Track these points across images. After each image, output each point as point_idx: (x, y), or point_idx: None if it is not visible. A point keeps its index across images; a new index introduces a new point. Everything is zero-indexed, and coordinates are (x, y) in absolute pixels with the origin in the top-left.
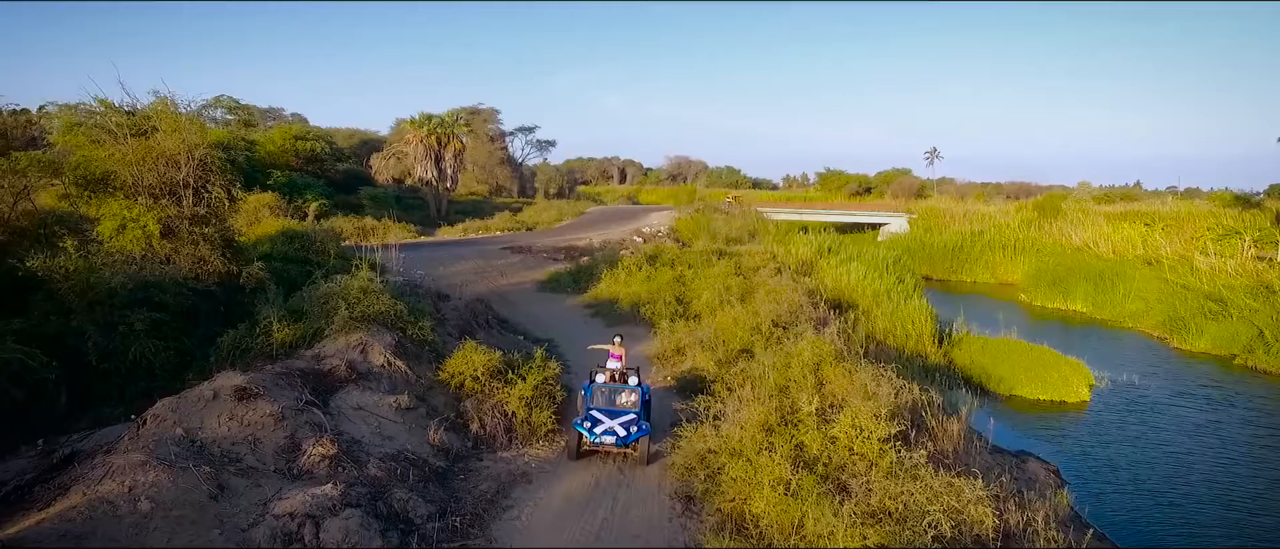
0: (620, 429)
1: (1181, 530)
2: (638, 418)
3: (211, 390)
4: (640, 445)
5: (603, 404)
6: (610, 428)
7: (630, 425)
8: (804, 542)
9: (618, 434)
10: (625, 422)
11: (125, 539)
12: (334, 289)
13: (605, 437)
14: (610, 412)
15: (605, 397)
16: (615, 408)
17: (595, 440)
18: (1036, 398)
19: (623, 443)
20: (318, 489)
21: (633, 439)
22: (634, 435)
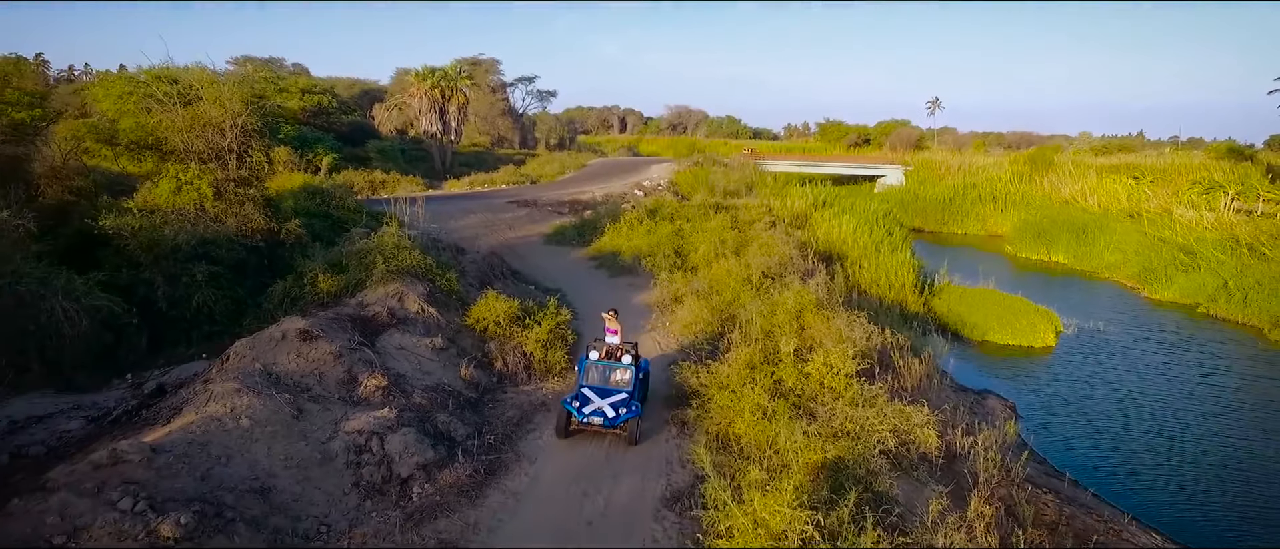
0: (609, 410)
1: (1112, 455)
2: (629, 398)
3: (280, 332)
4: (629, 426)
5: (596, 382)
6: (598, 408)
7: (619, 406)
8: (776, 455)
9: (605, 415)
10: (615, 402)
11: (236, 447)
12: (371, 245)
13: (593, 417)
14: (602, 390)
15: (598, 374)
16: (608, 386)
17: (582, 420)
18: (1006, 343)
19: (610, 423)
20: (376, 413)
21: (621, 421)
22: (622, 417)
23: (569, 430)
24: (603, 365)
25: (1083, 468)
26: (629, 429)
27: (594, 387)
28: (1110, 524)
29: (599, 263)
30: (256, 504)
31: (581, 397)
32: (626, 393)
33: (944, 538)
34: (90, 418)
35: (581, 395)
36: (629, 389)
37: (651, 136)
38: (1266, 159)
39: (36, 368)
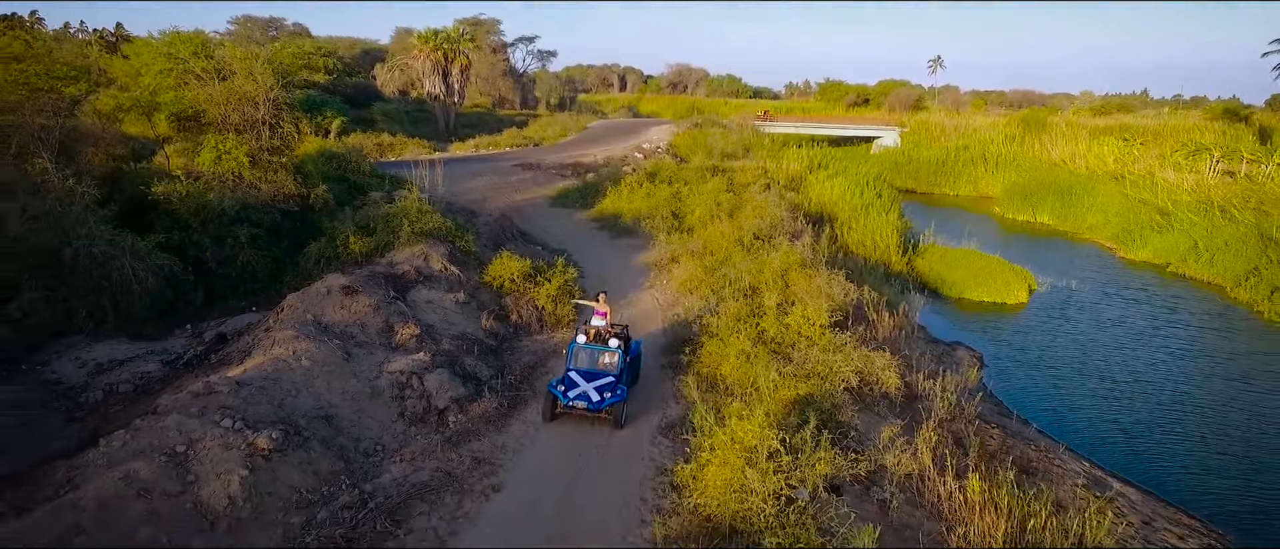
0: (594, 394)
1: (1061, 396)
2: (614, 382)
3: (325, 288)
4: (614, 410)
5: (584, 365)
6: (583, 392)
7: (605, 390)
8: (756, 393)
9: (590, 399)
10: (600, 386)
11: (301, 383)
12: (396, 210)
13: (577, 401)
14: (589, 374)
15: (586, 358)
16: (595, 369)
17: (567, 404)
18: (982, 300)
19: (594, 408)
20: (413, 356)
21: (605, 405)
22: (607, 401)
23: (554, 414)
24: (590, 349)
25: (1033, 408)
26: (613, 413)
27: (581, 370)
28: (1046, 453)
29: (601, 225)
30: (324, 428)
31: (567, 380)
32: (613, 376)
33: (892, 459)
34: (164, 361)
35: (568, 379)
36: (615, 372)
37: (652, 95)
38: (1260, 121)
39: (111, 318)
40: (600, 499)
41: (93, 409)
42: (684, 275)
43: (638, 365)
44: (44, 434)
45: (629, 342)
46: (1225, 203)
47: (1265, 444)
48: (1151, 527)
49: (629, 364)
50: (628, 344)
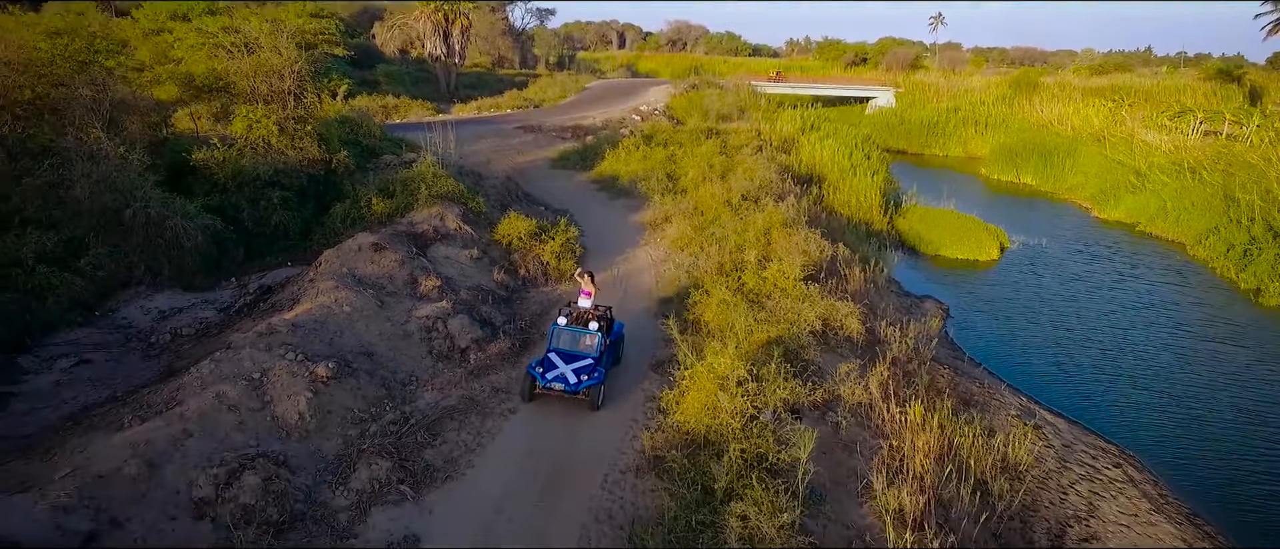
0: (572, 376)
1: (1013, 342)
2: (593, 365)
3: (356, 245)
4: (590, 392)
5: (565, 346)
6: (561, 374)
7: (582, 373)
8: (733, 335)
9: (567, 381)
10: (578, 368)
11: (345, 325)
12: (413, 174)
13: (555, 383)
14: (568, 355)
15: (566, 339)
16: (575, 351)
17: (545, 384)
18: (956, 257)
19: (572, 390)
20: (437, 304)
21: (582, 387)
22: (583, 384)
23: (532, 394)
24: (572, 331)
25: (987, 352)
26: (590, 396)
27: (561, 350)
28: (990, 389)
29: (600, 186)
30: (367, 362)
31: (547, 361)
32: (592, 358)
33: (846, 390)
34: (218, 309)
35: (547, 360)
36: (595, 354)
37: (651, 53)
38: (1252, 80)
39: (166, 271)
40: (600, 420)
41: (164, 348)
42: (676, 234)
43: (620, 347)
44: (131, 367)
45: (612, 323)
46: (1197, 165)
47: (1186, 381)
48: (1070, 449)
49: (611, 346)
50: (610, 326)
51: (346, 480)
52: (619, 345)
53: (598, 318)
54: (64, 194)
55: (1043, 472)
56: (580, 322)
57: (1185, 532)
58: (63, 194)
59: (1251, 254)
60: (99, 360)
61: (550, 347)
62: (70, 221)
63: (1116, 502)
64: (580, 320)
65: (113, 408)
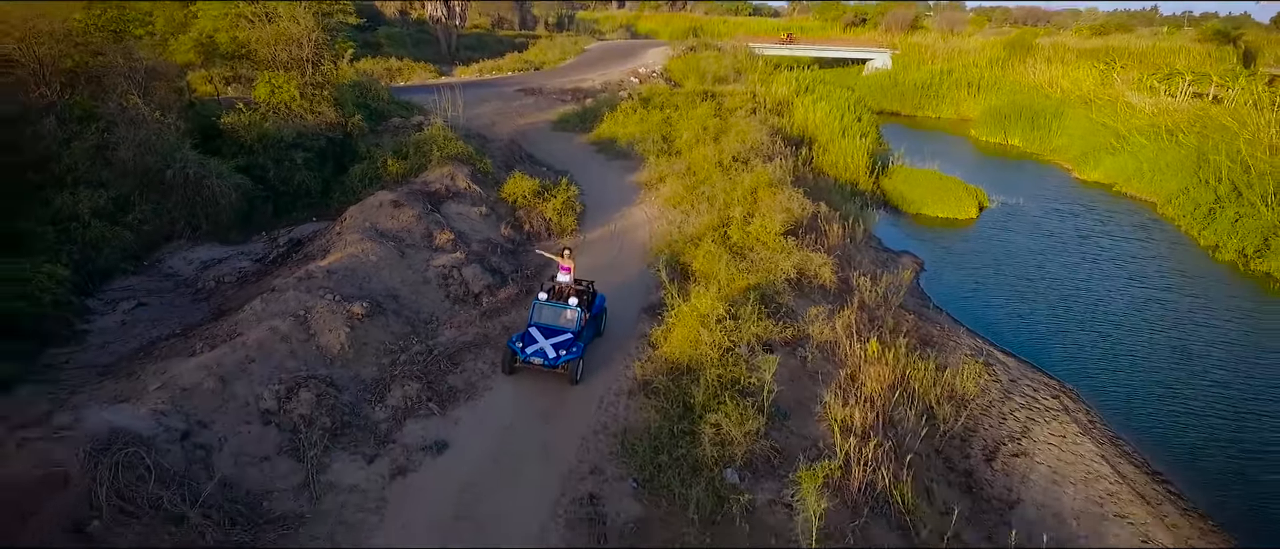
0: (551, 351)
1: (977, 292)
2: (572, 340)
3: (377, 201)
4: (569, 367)
5: (546, 320)
6: (541, 348)
7: (561, 347)
8: (715, 280)
9: (546, 356)
10: (557, 343)
11: (371, 272)
12: (426, 137)
13: (534, 357)
14: (548, 329)
15: (547, 314)
16: (556, 325)
17: (525, 359)
18: (936, 216)
19: (551, 364)
20: (451, 255)
21: (561, 362)
22: (562, 358)
23: (513, 368)
24: (552, 306)
25: (952, 301)
26: (569, 370)
27: (541, 325)
28: (949, 332)
29: (599, 148)
30: (393, 304)
31: (527, 336)
32: (572, 333)
33: (815, 329)
34: (253, 260)
35: (527, 334)
36: (574, 329)
37: (650, 12)
38: (1248, 42)
39: (204, 226)
40: (599, 353)
41: (210, 293)
42: (669, 193)
43: (602, 320)
44: (182, 310)
45: (593, 297)
46: (1174, 127)
47: (1131, 325)
48: (1016, 383)
49: (592, 319)
50: (592, 300)
51: (383, 398)
52: (600, 319)
53: (578, 293)
54: (110, 156)
55: (987, 400)
56: (561, 296)
57: (1105, 449)
58: (109, 156)
59: (1214, 213)
60: (154, 303)
61: (531, 321)
62: (117, 181)
63: (1049, 426)
64: (561, 295)
65: (179, 341)
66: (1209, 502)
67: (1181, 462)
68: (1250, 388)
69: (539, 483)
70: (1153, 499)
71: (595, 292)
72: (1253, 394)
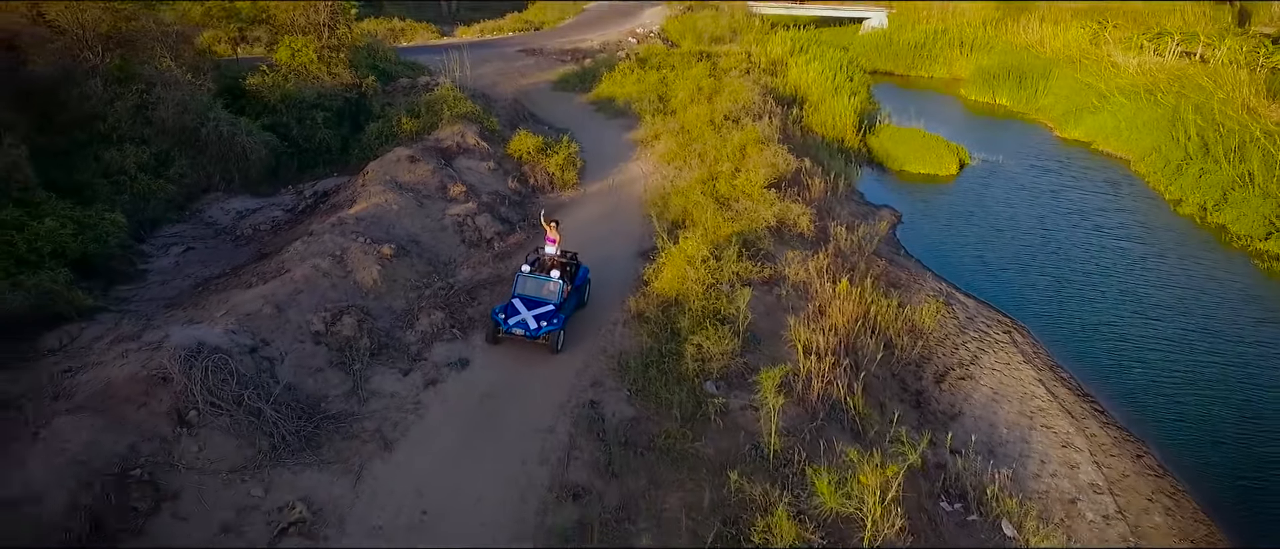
0: (532, 322)
1: (947, 240)
2: (554, 312)
3: (395, 157)
4: (550, 337)
5: (530, 292)
6: (522, 320)
7: (542, 319)
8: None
9: (528, 327)
10: (539, 314)
11: (395, 219)
12: (437, 97)
13: (516, 327)
14: (530, 300)
15: (531, 286)
16: (538, 296)
17: (507, 329)
18: (919, 172)
19: (532, 335)
20: (465, 205)
21: (542, 333)
22: (543, 329)
23: (496, 338)
24: (535, 278)
25: (924, 249)
26: (550, 340)
27: (524, 296)
28: (916, 276)
29: (598, 107)
30: (415, 247)
31: (509, 307)
32: (553, 305)
33: (790, 270)
34: (284, 210)
35: (510, 306)
36: (556, 301)
37: None
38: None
39: (236, 180)
40: (598, 288)
41: (249, 239)
42: (664, 150)
43: (584, 291)
44: (226, 253)
45: (577, 268)
46: (1153, 86)
47: (1086, 269)
48: (972, 320)
49: (575, 290)
50: (575, 271)
51: (413, 325)
52: (583, 290)
53: (561, 265)
54: (150, 114)
55: (943, 333)
56: (544, 268)
57: (1042, 375)
58: (149, 115)
59: (1182, 168)
60: (200, 248)
61: (514, 292)
62: (157, 138)
63: (995, 355)
64: (544, 267)
65: (231, 278)
66: (1128, 417)
67: (1111, 386)
68: (1185, 323)
69: (548, 392)
70: (1078, 414)
71: (579, 264)
72: (1187, 328)
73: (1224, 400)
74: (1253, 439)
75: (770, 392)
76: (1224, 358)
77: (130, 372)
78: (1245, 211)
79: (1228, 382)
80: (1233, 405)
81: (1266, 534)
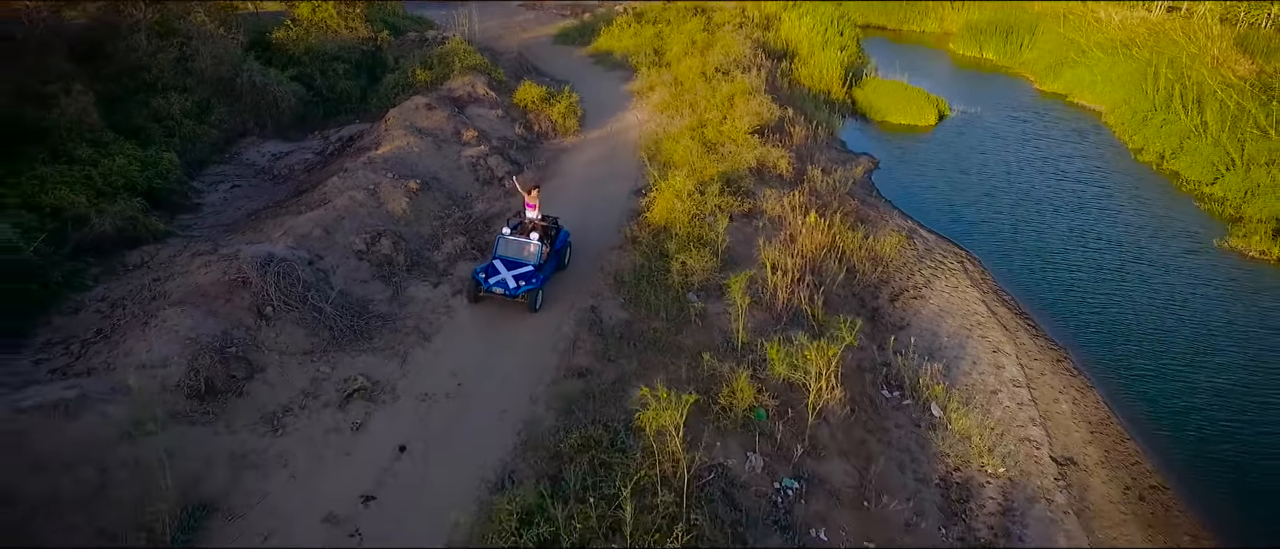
0: (511, 282)
1: (918, 183)
2: (533, 273)
3: (413, 105)
4: (527, 296)
5: (511, 254)
6: (502, 279)
7: (521, 279)
8: (690, 165)
9: (508, 286)
10: (518, 274)
11: (416, 159)
12: (448, 50)
13: (496, 287)
14: (510, 262)
15: (511, 248)
16: (518, 258)
17: (487, 288)
18: (900, 122)
19: (511, 294)
20: (477, 148)
21: (521, 292)
22: (522, 289)
23: (477, 296)
24: (515, 240)
25: (896, 191)
26: (528, 299)
27: (505, 257)
28: (884, 213)
29: (597, 60)
30: (436, 183)
31: (490, 267)
32: (533, 266)
33: (767, 205)
34: (314, 153)
35: (491, 266)
36: (535, 262)
37: None
38: None
39: (269, 126)
40: (600, 217)
41: (286, 178)
42: (658, 100)
43: (565, 253)
44: (268, 190)
45: (557, 232)
46: (1129, 41)
47: (1042, 209)
48: (930, 252)
49: (555, 253)
50: (555, 235)
51: (439, 247)
52: (564, 253)
53: (541, 228)
54: (190, 66)
55: (902, 262)
56: (525, 232)
57: (986, 296)
58: (189, 66)
59: (1147, 119)
60: (244, 185)
61: (495, 253)
62: (196, 87)
63: (946, 281)
64: (525, 231)
65: (279, 208)
66: (1056, 330)
67: (1046, 305)
68: (1122, 254)
69: (556, 300)
70: (1011, 327)
71: (560, 227)
72: (1124, 258)
73: (1141, 314)
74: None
75: (739, 293)
76: (1150, 281)
77: (215, 277)
78: (1197, 159)
79: (1150, 300)
80: (1149, 316)
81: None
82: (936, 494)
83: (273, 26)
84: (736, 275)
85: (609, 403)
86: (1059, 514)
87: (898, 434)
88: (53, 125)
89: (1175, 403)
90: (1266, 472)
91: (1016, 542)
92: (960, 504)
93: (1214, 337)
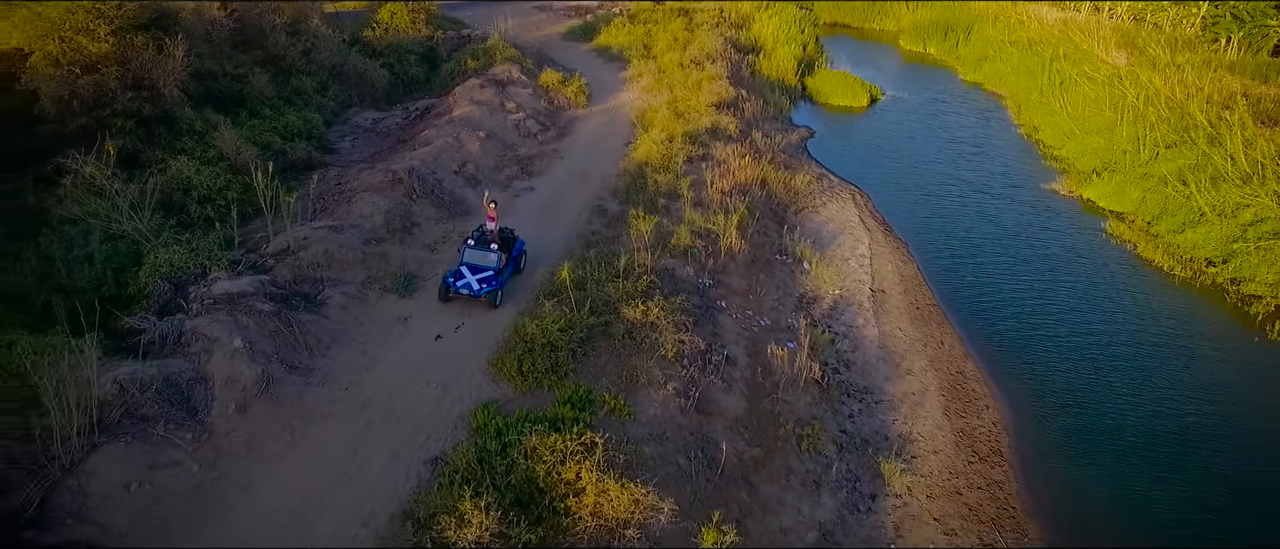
0: (475, 284)
1: (846, 150)
2: (493, 276)
3: (470, 85)
4: (488, 297)
5: (473, 261)
6: (468, 282)
7: (484, 281)
8: (663, 125)
9: (472, 288)
10: (481, 278)
11: (480, 119)
12: (490, 46)
13: (462, 288)
14: (474, 267)
15: (474, 256)
16: (481, 264)
17: (455, 290)
18: (838, 104)
19: (475, 294)
20: (518, 115)
21: (484, 293)
22: (485, 289)
23: (447, 297)
24: (478, 249)
25: (822, 152)
26: (489, 299)
27: (469, 264)
28: (805, 163)
29: (598, 53)
30: (493, 136)
31: (458, 272)
32: (493, 270)
33: (718, 153)
34: (401, 118)
35: (458, 271)
36: (495, 268)
37: None
38: None
39: (368, 100)
40: (604, 158)
41: (386, 134)
42: (645, 84)
43: (521, 260)
44: (376, 142)
45: (514, 242)
46: (1037, 39)
47: (928, 160)
48: (833, 189)
49: (512, 259)
50: (512, 244)
51: (500, 172)
52: (520, 259)
53: (499, 239)
54: (312, 56)
55: (810, 192)
56: (486, 243)
57: (861, 214)
58: (312, 56)
59: (1033, 101)
60: (360, 138)
61: (461, 261)
62: (317, 71)
63: (837, 204)
64: (486, 241)
65: (392, 150)
66: (903, 230)
67: (904, 218)
68: (973, 185)
69: (577, 201)
70: (872, 230)
71: (516, 238)
72: (972, 189)
73: (967, 222)
74: (971, 239)
75: (685, 189)
76: (983, 205)
77: (380, 179)
78: (1054, 130)
79: (975, 214)
80: (969, 223)
81: (946, 273)
82: (794, 300)
83: (361, 26)
84: (683, 179)
85: (610, 245)
86: (864, 312)
87: (780, 274)
88: (247, 94)
89: (960, 265)
90: (988, 291)
91: (837, 324)
92: (808, 305)
93: (1003, 233)
